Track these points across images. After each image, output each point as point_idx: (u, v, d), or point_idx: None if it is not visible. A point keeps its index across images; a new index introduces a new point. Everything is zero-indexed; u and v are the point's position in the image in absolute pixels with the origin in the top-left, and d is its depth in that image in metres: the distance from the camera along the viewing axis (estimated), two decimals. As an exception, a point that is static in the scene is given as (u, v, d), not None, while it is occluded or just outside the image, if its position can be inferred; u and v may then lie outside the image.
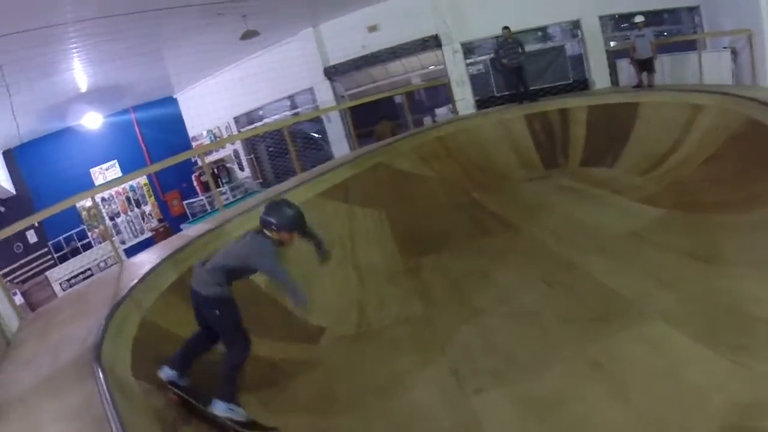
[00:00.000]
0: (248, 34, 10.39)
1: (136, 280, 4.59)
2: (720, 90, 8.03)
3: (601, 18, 11.34)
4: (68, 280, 11.03)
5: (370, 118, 12.42)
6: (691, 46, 10.76)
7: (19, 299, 8.99)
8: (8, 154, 12.70)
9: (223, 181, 14.46)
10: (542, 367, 3.94)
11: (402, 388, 4.09)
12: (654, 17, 11.24)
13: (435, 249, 6.86)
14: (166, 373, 3.40)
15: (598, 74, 11.50)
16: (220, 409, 3.26)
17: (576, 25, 11.55)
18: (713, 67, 9.29)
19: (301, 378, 4.36)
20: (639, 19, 9.85)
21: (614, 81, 11.42)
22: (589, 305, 4.70)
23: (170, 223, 14.38)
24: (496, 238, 6.90)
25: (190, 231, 6.55)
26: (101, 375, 2.94)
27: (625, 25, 11.37)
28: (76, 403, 2.83)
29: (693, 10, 11.17)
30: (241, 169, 14.83)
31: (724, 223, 5.52)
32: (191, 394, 3.42)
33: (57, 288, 10.51)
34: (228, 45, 11.30)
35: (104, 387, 2.78)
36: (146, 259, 5.48)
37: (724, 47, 9.34)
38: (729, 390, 3.25)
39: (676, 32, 11.53)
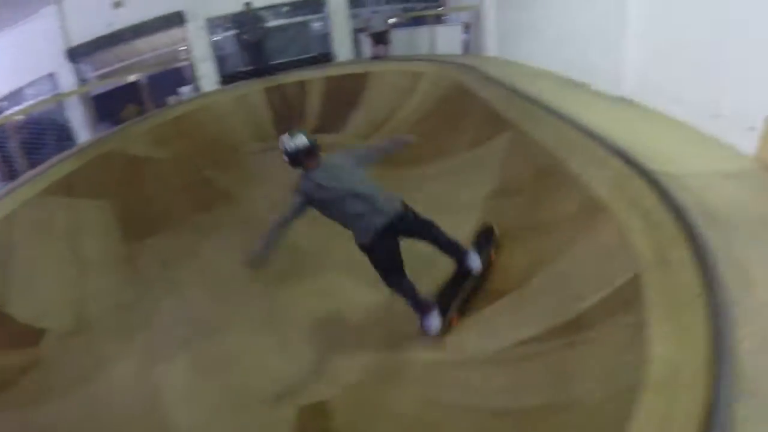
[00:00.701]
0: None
1: None
2: (439, 59, 9.25)
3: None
4: None
5: (116, 103, 12.17)
6: (438, 21, 12.09)
7: None
8: None
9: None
10: (225, 329, 4.64)
11: (104, 371, 4.49)
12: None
13: (155, 232, 7.20)
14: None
15: (342, 48, 12.48)
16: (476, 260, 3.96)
17: (321, 1, 12.30)
18: (446, 39, 10.61)
19: (19, 381, 4.47)
20: None
21: (357, 53, 12.47)
22: (278, 265, 5.15)
23: None
24: (214, 213, 7.51)
25: None
26: None
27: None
28: None
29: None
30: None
31: (409, 176, 6.52)
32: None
33: None
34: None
35: None
36: None
37: (462, 22, 10.57)
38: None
39: (422, 9, 12.89)
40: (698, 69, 4.22)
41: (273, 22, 11.97)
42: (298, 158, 3.61)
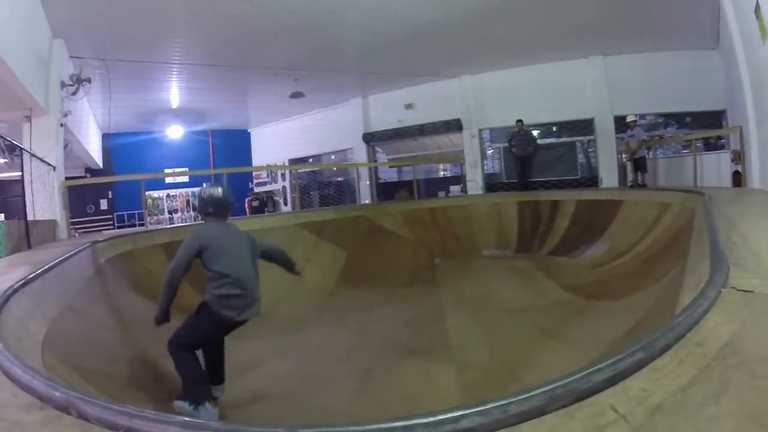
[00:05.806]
0: (296, 95, 12.62)
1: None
2: (688, 188, 7.97)
3: (615, 117, 11.69)
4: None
5: (394, 186, 14.21)
6: (716, 146, 11.05)
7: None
8: (106, 137, 15.47)
9: (268, 209, 16.51)
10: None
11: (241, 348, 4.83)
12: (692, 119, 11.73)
13: (361, 285, 7.92)
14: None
15: (608, 172, 11.89)
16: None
17: (590, 123, 12.17)
18: (712, 168, 9.28)
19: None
20: (630, 118, 10.23)
21: (622, 180, 11.67)
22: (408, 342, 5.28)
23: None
24: (413, 289, 7.80)
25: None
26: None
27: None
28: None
29: (720, 113, 11.09)
30: (285, 204, 16.92)
31: (595, 307, 5.86)
32: None
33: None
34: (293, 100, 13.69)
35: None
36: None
37: (733, 150, 9.05)
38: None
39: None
40: None
41: (542, 141, 12.24)
42: (205, 207, 3.41)
